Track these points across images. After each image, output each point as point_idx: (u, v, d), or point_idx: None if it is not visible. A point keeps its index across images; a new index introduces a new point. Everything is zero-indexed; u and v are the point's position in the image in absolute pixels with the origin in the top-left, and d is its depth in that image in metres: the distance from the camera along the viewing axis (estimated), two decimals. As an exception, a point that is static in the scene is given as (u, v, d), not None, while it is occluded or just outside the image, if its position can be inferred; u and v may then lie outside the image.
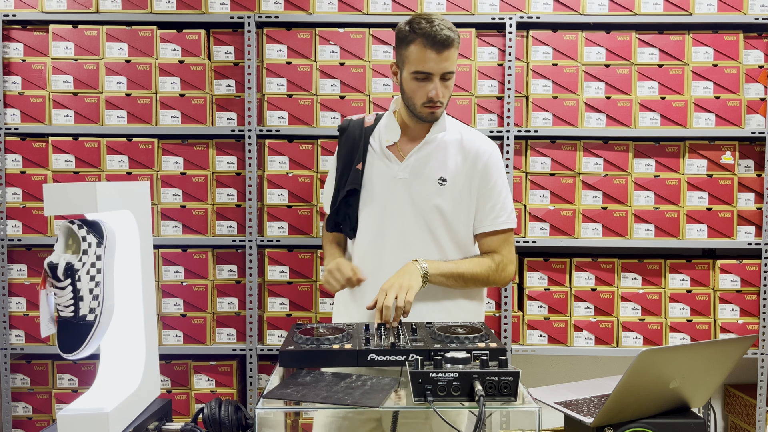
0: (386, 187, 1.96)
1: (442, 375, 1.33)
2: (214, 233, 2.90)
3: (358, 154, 2.00)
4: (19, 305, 2.90)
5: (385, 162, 1.98)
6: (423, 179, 1.94)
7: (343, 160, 2.02)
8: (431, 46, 1.83)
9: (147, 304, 1.51)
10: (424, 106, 1.89)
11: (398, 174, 1.96)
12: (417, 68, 1.85)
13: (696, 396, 1.58)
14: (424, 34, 1.83)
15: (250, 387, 2.87)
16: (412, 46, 1.85)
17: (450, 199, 1.94)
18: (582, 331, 2.91)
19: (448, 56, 1.85)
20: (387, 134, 1.99)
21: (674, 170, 2.91)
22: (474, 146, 1.98)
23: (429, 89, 1.87)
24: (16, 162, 2.89)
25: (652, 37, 2.88)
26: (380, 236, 1.96)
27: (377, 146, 2.00)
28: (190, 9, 2.85)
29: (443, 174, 1.95)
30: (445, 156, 1.96)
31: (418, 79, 1.87)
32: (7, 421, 2.91)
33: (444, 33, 1.82)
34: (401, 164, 1.96)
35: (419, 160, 1.96)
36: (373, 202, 1.97)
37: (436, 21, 1.84)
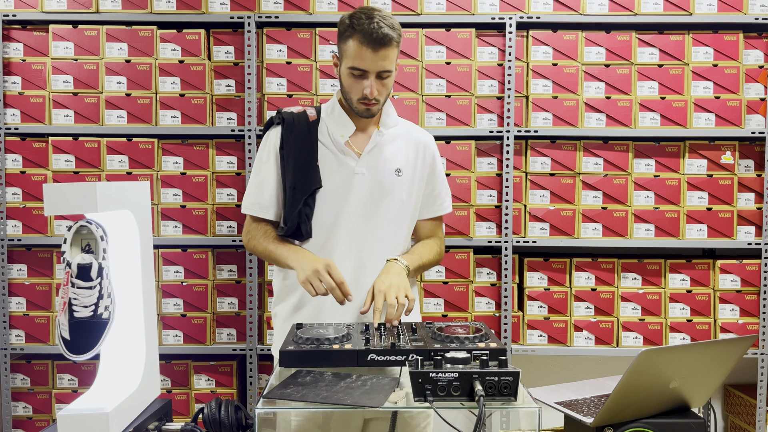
0: (345, 183, 1.93)
1: (442, 375, 1.33)
2: (214, 233, 2.90)
3: (312, 149, 1.94)
4: (19, 305, 2.90)
5: (341, 158, 1.94)
6: (381, 173, 1.95)
7: (294, 157, 1.93)
8: (367, 43, 1.81)
9: (147, 304, 1.51)
10: (360, 102, 1.89)
11: (357, 169, 1.94)
12: (353, 64, 1.84)
13: (696, 396, 1.58)
14: (362, 30, 1.81)
15: (250, 387, 2.87)
16: (350, 41, 1.84)
17: (405, 189, 1.98)
18: (582, 331, 2.91)
19: (385, 55, 1.83)
20: (340, 129, 1.96)
21: (674, 170, 2.91)
22: (418, 137, 2.05)
23: (364, 86, 1.86)
24: (16, 162, 2.89)
25: (652, 37, 2.88)
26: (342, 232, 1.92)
27: (328, 142, 1.96)
28: (190, 9, 2.85)
29: (397, 165, 1.98)
30: (397, 148, 2.00)
31: (354, 75, 1.86)
32: (7, 421, 2.91)
33: (382, 31, 1.80)
34: (359, 159, 1.95)
35: (374, 154, 1.96)
36: (334, 200, 1.93)
37: (376, 18, 1.82)
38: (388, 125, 2.00)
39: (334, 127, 1.96)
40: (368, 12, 1.84)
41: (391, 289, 1.77)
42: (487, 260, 2.93)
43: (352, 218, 1.93)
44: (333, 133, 1.96)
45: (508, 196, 2.86)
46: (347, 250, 1.92)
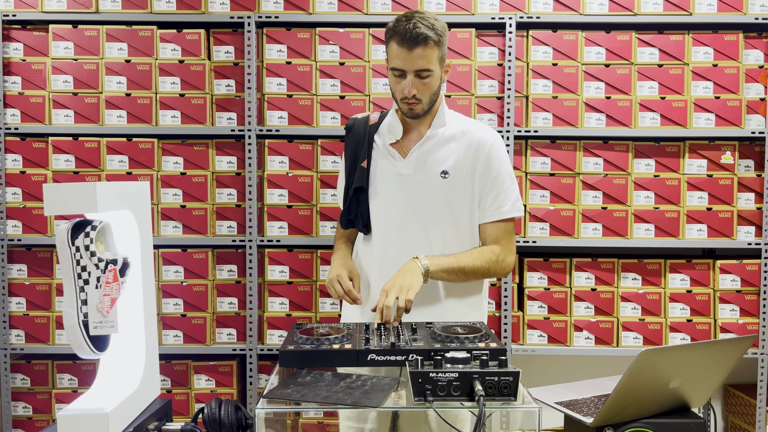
0: (390, 183, 2.01)
1: (442, 375, 1.33)
2: (214, 233, 2.90)
3: (362, 152, 2.05)
4: (19, 305, 2.89)
5: (389, 159, 2.03)
6: (426, 174, 1.99)
7: (349, 159, 2.08)
8: (402, 43, 1.87)
9: (147, 304, 1.51)
10: (402, 102, 1.95)
11: (401, 170, 2.00)
12: (392, 65, 1.93)
13: (696, 396, 1.58)
14: (398, 32, 1.88)
15: (250, 387, 2.87)
16: (391, 43, 1.92)
17: (453, 191, 1.98)
18: (582, 331, 2.91)
19: (421, 54, 1.87)
20: (390, 132, 2.04)
21: (674, 170, 2.91)
22: (475, 137, 2.01)
23: (403, 86, 1.92)
24: (16, 162, 2.89)
25: (652, 37, 2.88)
26: (388, 232, 2.01)
27: (381, 144, 2.05)
28: (190, 9, 2.85)
29: (445, 167, 1.98)
30: (447, 150, 2.00)
31: (395, 76, 1.93)
32: (7, 421, 2.91)
33: (416, 31, 1.85)
34: (404, 161, 2.01)
35: (421, 155, 2.00)
36: (379, 199, 2.02)
37: (415, 19, 1.88)
38: (437, 126, 2.02)
39: (385, 130, 2.06)
40: (410, 14, 1.91)
41: (393, 289, 1.79)
42: (487, 260, 2.92)
43: (400, 218, 2.00)
44: (384, 136, 2.05)
45: (508, 196, 2.86)
46: (399, 249, 1.97)
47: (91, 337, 1.32)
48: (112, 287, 1.33)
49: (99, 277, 1.31)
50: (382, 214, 2.02)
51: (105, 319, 1.32)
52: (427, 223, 1.98)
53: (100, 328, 1.32)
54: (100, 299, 1.32)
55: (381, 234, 2.02)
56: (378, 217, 2.03)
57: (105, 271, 1.32)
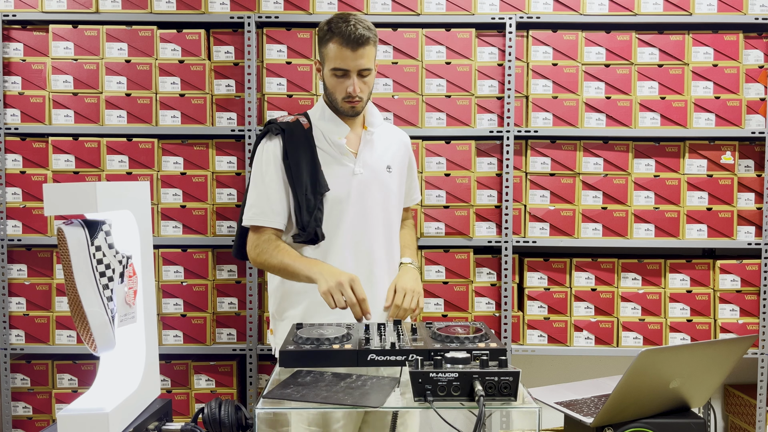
0: (349, 183, 2.03)
1: (442, 375, 1.33)
2: (214, 233, 2.90)
3: (314, 155, 2.01)
4: (19, 305, 2.89)
5: (341, 160, 2.05)
6: (376, 171, 2.08)
7: (303, 165, 1.99)
8: (346, 44, 1.94)
9: (147, 304, 1.51)
10: (344, 101, 2.01)
11: (355, 169, 2.05)
12: (335, 65, 1.97)
13: (696, 396, 1.58)
14: (340, 33, 1.94)
15: (250, 387, 2.87)
16: (330, 44, 1.97)
17: (396, 184, 2.13)
18: (582, 331, 2.91)
19: (363, 54, 1.95)
20: (336, 131, 2.05)
21: (674, 170, 2.91)
22: (399, 135, 2.22)
23: (347, 85, 1.98)
24: (16, 162, 2.89)
25: (652, 37, 2.88)
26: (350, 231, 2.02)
27: (326, 145, 2.04)
28: (190, 9, 2.85)
29: (388, 163, 2.12)
30: (384, 146, 2.14)
31: (336, 76, 1.98)
32: (7, 421, 2.91)
33: (358, 32, 1.93)
34: (356, 159, 2.06)
35: (367, 153, 2.08)
36: (339, 201, 2.01)
37: (352, 20, 1.96)
38: (375, 124, 2.13)
39: (330, 130, 2.06)
40: (344, 16, 1.98)
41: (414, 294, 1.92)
42: (487, 260, 2.93)
43: (356, 216, 2.03)
44: (329, 136, 2.05)
45: (508, 196, 2.86)
46: (356, 248, 2.03)
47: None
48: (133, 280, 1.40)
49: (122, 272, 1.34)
50: (337, 215, 2.00)
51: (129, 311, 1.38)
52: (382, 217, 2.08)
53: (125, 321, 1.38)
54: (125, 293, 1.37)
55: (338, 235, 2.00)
56: (334, 219, 1.99)
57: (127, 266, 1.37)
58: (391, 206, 2.11)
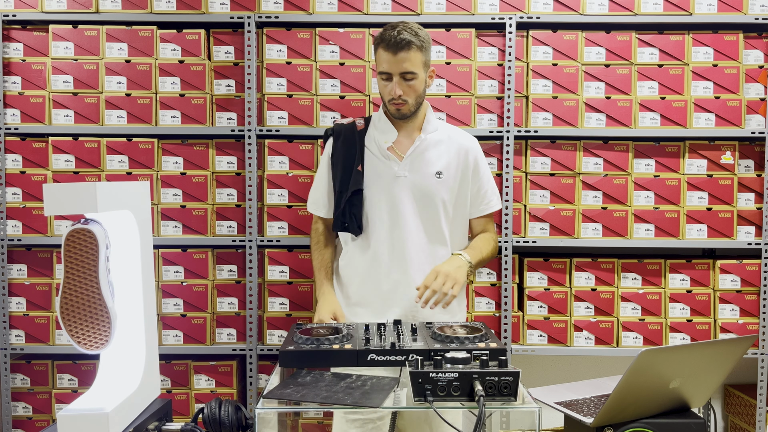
0: (390, 185, 2.15)
1: (442, 375, 1.33)
2: (214, 233, 2.90)
3: (357, 156, 2.17)
4: (19, 305, 2.90)
5: (385, 162, 2.17)
6: (422, 175, 2.16)
7: (341, 163, 2.19)
8: (388, 48, 2.06)
9: (147, 304, 1.51)
10: (390, 104, 2.13)
11: (399, 172, 2.15)
12: (380, 69, 2.11)
13: (696, 396, 1.58)
14: (383, 38, 2.08)
15: (250, 387, 2.87)
16: (378, 50, 2.11)
17: (448, 190, 2.18)
18: (582, 331, 2.91)
19: (405, 58, 2.06)
20: (384, 135, 2.19)
21: (674, 170, 2.91)
22: (462, 143, 2.25)
23: (391, 88, 2.10)
24: (16, 162, 2.89)
25: (652, 37, 2.88)
26: (389, 231, 2.15)
27: (374, 148, 2.19)
28: (190, 9, 2.85)
29: (439, 168, 2.18)
30: (438, 152, 2.20)
31: (383, 79, 2.12)
32: (7, 421, 2.91)
33: (400, 37, 2.04)
34: (401, 163, 2.16)
35: (416, 157, 2.17)
36: (379, 201, 2.15)
37: (399, 27, 2.08)
38: (429, 130, 2.21)
39: (379, 134, 2.20)
40: (395, 24, 2.11)
41: (449, 277, 1.97)
42: (487, 260, 2.93)
43: (394, 217, 2.15)
44: (378, 140, 2.19)
45: (508, 196, 2.86)
46: (393, 247, 2.15)
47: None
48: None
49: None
50: (382, 214, 2.15)
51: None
52: (424, 222, 2.16)
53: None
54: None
55: (376, 232, 2.16)
56: (374, 216, 2.16)
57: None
58: (436, 212, 2.17)
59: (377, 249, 2.15)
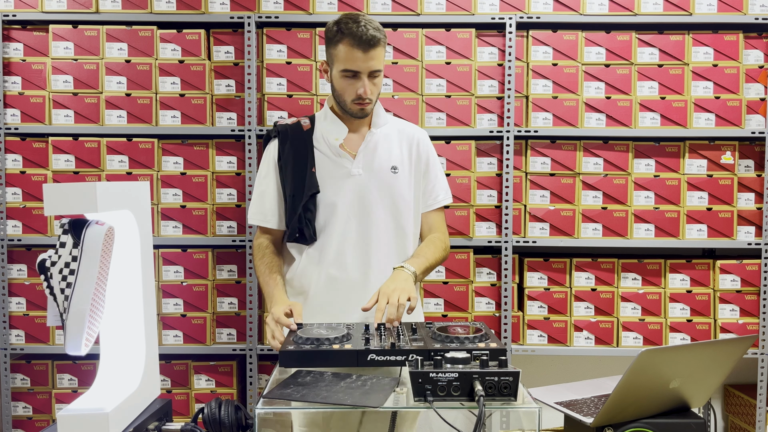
0: (344, 184, 2.01)
1: (442, 375, 1.33)
2: (214, 233, 2.90)
3: (308, 157, 2.02)
4: (19, 305, 2.90)
5: (337, 161, 2.03)
6: (377, 171, 2.03)
7: (292, 166, 2.01)
8: (358, 45, 1.90)
9: (147, 304, 1.51)
10: (354, 103, 1.97)
11: (353, 170, 2.02)
12: (345, 66, 1.93)
13: (696, 396, 1.58)
14: (351, 34, 1.90)
15: (250, 387, 2.87)
16: (340, 45, 1.93)
17: (404, 185, 2.05)
18: (582, 331, 2.91)
19: (374, 55, 1.92)
20: (334, 133, 2.04)
21: (674, 170, 2.91)
22: (411, 133, 2.12)
23: (357, 87, 1.95)
24: (16, 162, 2.89)
25: (652, 37, 2.88)
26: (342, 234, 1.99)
27: (324, 147, 2.04)
28: (190, 9, 2.85)
29: (394, 163, 2.05)
30: (390, 146, 2.07)
31: (347, 77, 1.95)
32: (7, 421, 2.91)
33: (370, 33, 1.90)
34: (354, 161, 2.02)
35: (368, 154, 2.04)
36: (334, 203, 1.99)
37: (362, 21, 1.92)
38: (379, 124, 2.08)
39: (328, 132, 2.04)
40: (354, 17, 1.94)
41: (395, 292, 1.81)
42: (487, 260, 2.93)
43: (353, 218, 2.00)
44: (327, 138, 2.04)
45: (508, 196, 2.86)
46: (353, 250, 1.99)
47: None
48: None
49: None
50: (337, 217, 1.99)
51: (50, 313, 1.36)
52: (383, 220, 2.02)
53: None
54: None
55: (334, 237, 1.99)
56: (331, 220, 1.99)
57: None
58: (398, 208, 2.03)
59: (336, 254, 1.99)
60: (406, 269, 1.92)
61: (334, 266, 1.99)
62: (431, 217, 2.13)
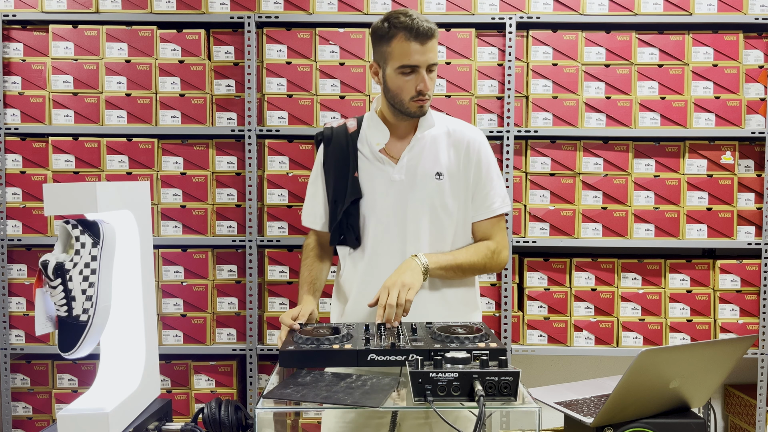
0: (386, 191, 1.93)
1: (442, 375, 1.33)
2: (214, 233, 2.90)
3: (350, 162, 1.96)
4: (19, 305, 2.90)
5: (379, 166, 1.95)
6: (420, 178, 1.93)
7: (334, 170, 1.97)
8: (415, 38, 1.80)
9: (147, 304, 1.51)
10: (413, 101, 1.87)
11: (394, 176, 1.93)
12: (403, 62, 1.82)
13: (696, 396, 1.58)
14: (406, 27, 1.80)
15: (250, 387, 2.87)
16: (395, 41, 1.82)
17: (449, 192, 1.94)
18: (582, 331, 2.91)
19: (431, 47, 1.83)
20: (376, 137, 1.95)
21: (674, 170, 2.91)
22: (464, 136, 1.98)
23: (417, 82, 1.84)
24: (16, 162, 2.89)
25: (652, 37, 2.88)
26: (382, 240, 1.94)
27: (367, 151, 1.96)
28: (190, 9, 2.85)
29: (438, 169, 1.94)
30: (437, 150, 1.95)
31: (404, 74, 1.84)
32: (7, 421, 2.91)
33: (425, 24, 1.81)
34: (396, 166, 1.94)
35: (412, 159, 1.94)
36: (375, 209, 1.94)
37: (414, 14, 1.83)
38: (425, 126, 1.96)
39: (371, 136, 1.95)
40: (404, 11, 1.85)
41: (395, 286, 1.76)
42: (487, 260, 2.92)
43: (393, 226, 1.93)
44: (370, 142, 1.95)
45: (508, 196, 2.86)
46: (390, 258, 1.91)
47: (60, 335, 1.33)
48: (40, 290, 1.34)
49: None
50: (375, 223, 1.94)
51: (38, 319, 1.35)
52: (425, 227, 1.94)
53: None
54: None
55: (374, 242, 1.94)
56: (372, 226, 1.94)
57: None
58: (438, 217, 1.94)
59: (376, 261, 1.93)
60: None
61: (370, 273, 1.93)
62: (485, 225, 1.98)
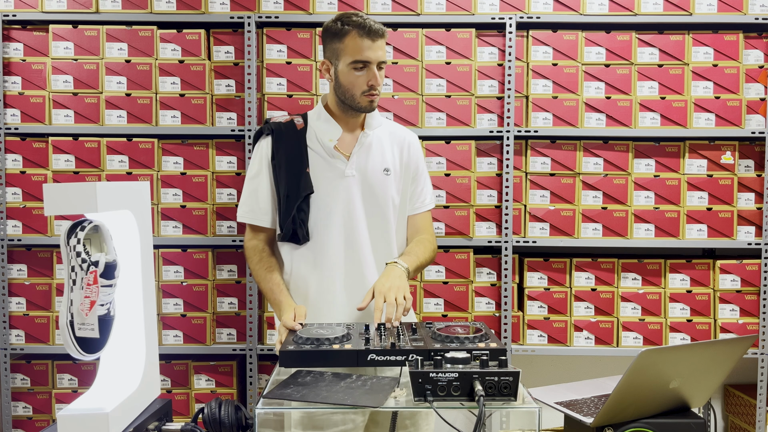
0: (338, 185, 2.00)
1: (442, 375, 1.33)
2: (214, 233, 2.90)
3: (302, 157, 2.00)
4: (19, 305, 2.89)
5: (331, 161, 2.01)
6: (370, 173, 2.02)
7: (285, 166, 1.99)
8: (367, 35, 1.92)
9: (147, 304, 1.51)
10: (364, 95, 1.97)
11: (347, 172, 2.00)
12: (356, 57, 1.93)
13: (696, 396, 1.58)
14: (358, 25, 1.92)
15: (250, 387, 2.87)
16: (348, 38, 1.93)
17: (395, 188, 2.05)
18: (582, 331, 2.91)
19: (381, 46, 1.95)
20: (328, 134, 2.02)
21: (674, 170, 2.91)
22: (405, 137, 2.13)
23: (368, 78, 1.95)
24: (16, 162, 2.89)
25: (652, 37, 2.88)
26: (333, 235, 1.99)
27: (318, 147, 2.02)
28: (190, 9, 2.85)
29: (386, 165, 2.05)
30: (383, 148, 2.07)
31: (356, 69, 1.94)
32: (7, 421, 2.91)
33: (376, 24, 1.94)
34: (348, 162, 2.01)
35: (362, 155, 2.03)
36: (328, 203, 1.99)
37: (360, 14, 1.97)
38: (372, 126, 2.07)
39: (322, 132, 2.03)
40: (353, 13, 1.98)
41: (391, 290, 1.81)
42: (487, 260, 2.93)
43: (346, 219, 2.00)
44: (321, 138, 2.02)
45: (508, 196, 2.86)
46: (344, 251, 1.99)
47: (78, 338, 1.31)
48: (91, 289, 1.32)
49: (83, 278, 1.31)
50: (328, 217, 1.98)
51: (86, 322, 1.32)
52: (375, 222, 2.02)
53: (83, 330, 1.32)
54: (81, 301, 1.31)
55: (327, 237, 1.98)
56: (324, 220, 1.98)
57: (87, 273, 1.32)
58: (388, 210, 2.04)
59: (330, 255, 1.98)
60: (399, 265, 1.92)
61: (329, 267, 1.99)
62: (419, 219, 2.13)
